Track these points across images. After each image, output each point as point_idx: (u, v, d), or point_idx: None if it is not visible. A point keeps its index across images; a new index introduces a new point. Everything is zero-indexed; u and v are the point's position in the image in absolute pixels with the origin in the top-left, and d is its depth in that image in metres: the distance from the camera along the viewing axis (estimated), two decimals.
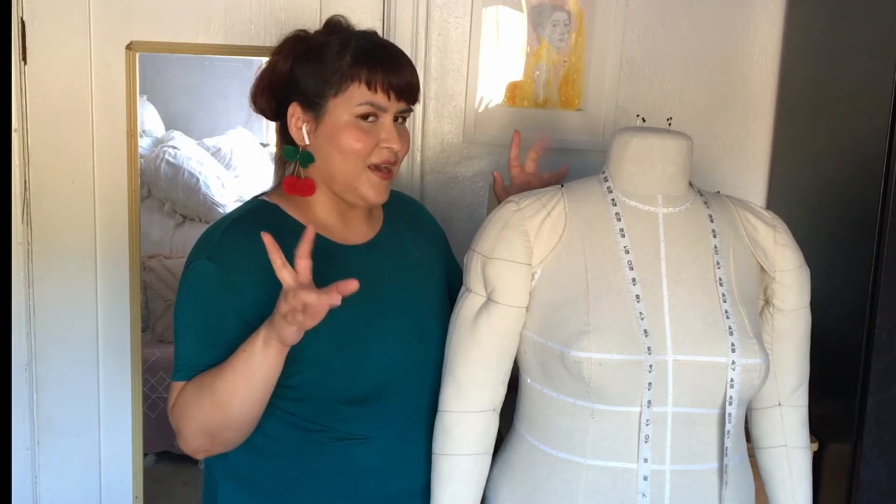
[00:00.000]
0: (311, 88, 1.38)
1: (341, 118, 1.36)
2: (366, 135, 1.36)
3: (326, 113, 1.37)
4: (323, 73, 1.37)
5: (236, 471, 1.42)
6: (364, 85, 1.35)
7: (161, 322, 3.78)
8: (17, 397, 2.21)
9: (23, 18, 2.11)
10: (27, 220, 2.18)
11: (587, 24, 2.25)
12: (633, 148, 1.40)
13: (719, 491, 1.34)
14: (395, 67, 1.38)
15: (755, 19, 2.31)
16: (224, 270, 1.31)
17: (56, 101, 2.15)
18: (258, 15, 2.19)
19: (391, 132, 1.38)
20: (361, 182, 1.38)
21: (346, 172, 1.38)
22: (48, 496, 2.30)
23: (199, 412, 1.28)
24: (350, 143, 1.36)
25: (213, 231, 1.38)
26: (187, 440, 1.31)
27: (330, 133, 1.37)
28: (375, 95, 1.36)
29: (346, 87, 1.35)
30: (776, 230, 1.45)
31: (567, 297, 1.34)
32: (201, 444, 1.31)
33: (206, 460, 1.48)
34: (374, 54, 1.37)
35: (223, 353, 1.29)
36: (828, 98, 2.07)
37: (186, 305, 1.34)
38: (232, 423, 1.28)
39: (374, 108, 1.36)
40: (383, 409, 1.42)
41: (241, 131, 4.86)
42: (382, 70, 1.36)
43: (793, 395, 1.49)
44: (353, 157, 1.37)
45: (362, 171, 1.38)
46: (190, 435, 1.30)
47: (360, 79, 1.35)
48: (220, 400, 1.26)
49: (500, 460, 1.46)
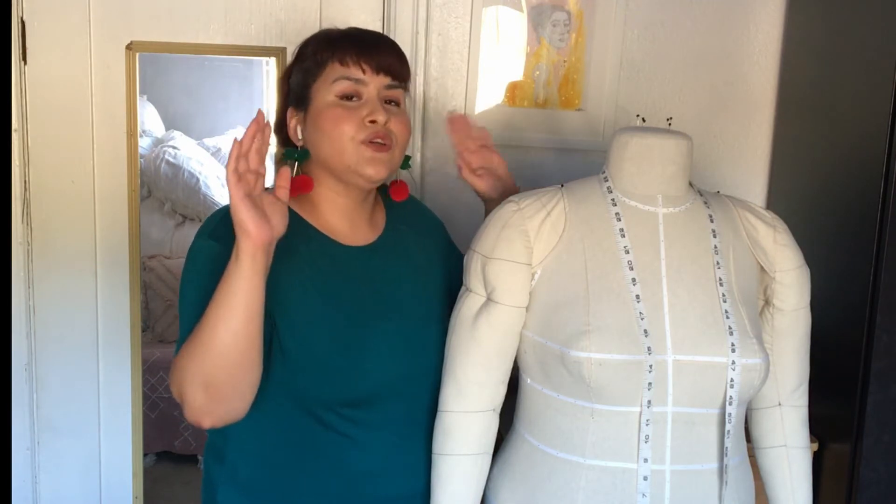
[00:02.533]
0: (297, 85, 1.42)
1: (323, 101, 1.38)
2: (348, 112, 1.37)
3: (311, 101, 1.39)
4: (304, 66, 1.41)
5: (235, 475, 1.42)
6: (337, 63, 1.38)
7: (161, 322, 3.78)
8: (17, 397, 2.21)
9: (23, 18, 2.11)
10: (27, 220, 2.18)
11: (587, 24, 2.26)
12: (633, 148, 1.40)
13: (719, 491, 1.34)
14: (369, 44, 1.40)
15: (755, 19, 2.31)
16: (226, 248, 1.28)
17: (56, 101, 2.15)
18: (258, 15, 2.19)
19: (375, 105, 1.38)
20: (357, 160, 1.37)
21: (338, 154, 1.37)
22: (48, 496, 2.30)
23: (191, 362, 1.24)
24: (333, 123, 1.36)
25: (215, 215, 1.39)
26: (188, 400, 1.25)
27: (315, 119, 1.39)
28: (349, 69, 1.37)
29: (322, 70, 1.38)
30: (776, 230, 1.45)
31: (567, 297, 1.34)
32: (203, 402, 1.24)
33: (205, 463, 1.48)
34: (347, 35, 1.41)
35: None
36: (828, 98, 2.07)
37: (189, 282, 1.34)
38: (222, 361, 1.23)
39: (351, 81, 1.37)
40: (382, 412, 1.41)
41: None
42: (356, 46, 1.38)
43: (793, 395, 1.49)
44: (339, 137, 1.36)
45: (354, 150, 1.36)
46: (188, 392, 1.24)
47: (333, 58, 1.38)
48: (206, 339, 1.22)
49: (500, 460, 1.46)
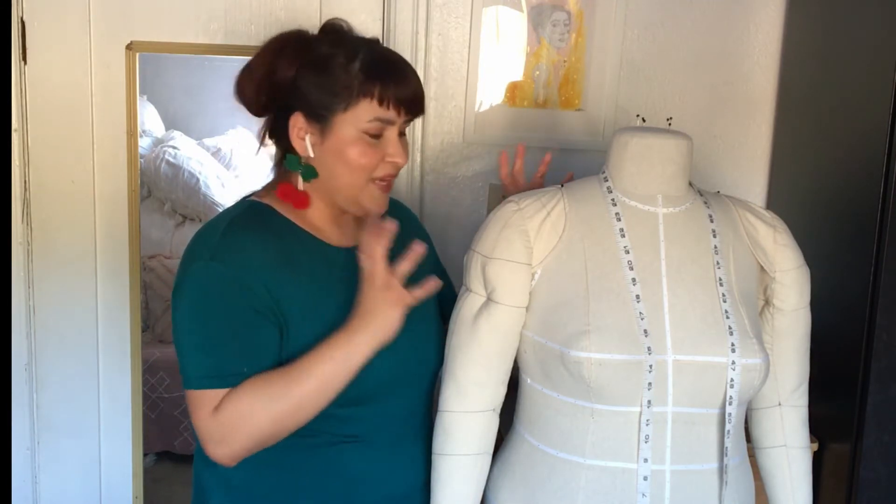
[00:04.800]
0: (317, 100, 1.34)
1: (348, 133, 1.34)
2: (372, 149, 1.35)
3: (333, 127, 1.34)
4: (332, 87, 1.33)
5: (228, 480, 1.40)
6: (375, 101, 1.33)
7: (161, 322, 3.78)
8: (17, 397, 2.21)
9: (23, 18, 2.11)
10: (27, 220, 2.18)
11: (587, 24, 2.26)
12: (633, 148, 1.40)
13: (719, 491, 1.34)
14: (403, 81, 1.36)
15: (755, 19, 2.31)
16: (233, 270, 1.29)
17: (56, 101, 2.16)
18: (258, 15, 2.19)
19: (397, 147, 1.37)
20: (364, 195, 1.38)
21: (351, 186, 1.37)
22: (48, 496, 2.30)
23: (266, 418, 1.27)
24: (357, 159, 1.34)
25: (208, 233, 1.35)
26: (234, 447, 1.28)
27: (337, 148, 1.35)
28: (387, 112, 1.34)
29: (356, 103, 1.33)
30: (776, 230, 1.45)
31: (567, 297, 1.34)
32: (249, 450, 1.29)
33: (196, 470, 1.46)
34: (383, 69, 1.35)
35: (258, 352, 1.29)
36: (828, 98, 2.07)
37: (196, 309, 1.30)
38: (295, 426, 1.30)
39: (383, 123, 1.35)
40: (379, 412, 1.41)
41: (241, 131, 4.85)
42: (394, 85, 1.34)
43: (793, 395, 1.49)
44: (359, 172, 1.36)
45: (366, 185, 1.37)
46: (241, 441, 1.27)
47: (371, 95, 1.33)
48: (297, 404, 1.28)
49: (500, 460, 1.46)
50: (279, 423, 1.28)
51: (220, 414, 1.27)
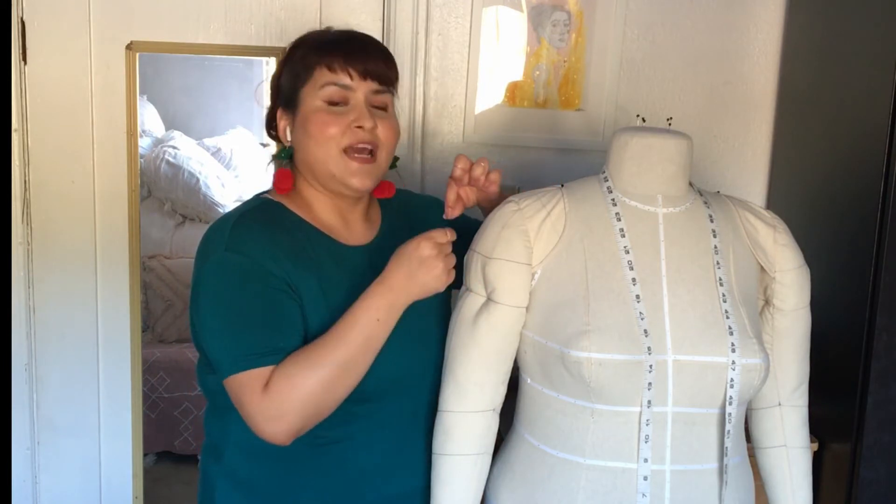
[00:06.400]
0: (288, 88, 1.42)
1: (311, 105, 1.39)
2: (335, 117, 1.38)
3: (300, 105, 1.40)
4: (294, 69, 1.42)
5: (234, 473, 1.41)
6: (325, 68, 1.38)
7: (161, 322, 3.78)
8: (17, 397, 2.21)
9: (23, 18, 2.11)
10: (27, 220, 2.18)
11: (587, 24, 2.26)
12: (633, 148, 1.40)
13: (719, 491, 1.34)
14: (357, 49, 1.41)
15: (755, 19, 2.31)
16: (249, 258, 1.31)
17: (56, 101, 2.16)
18: (258, 15, 2.19)
19: (361, 111, 1.39)
20: (341, 169, 1.38)
21: (323, 159, 1.38)
22: (48, 496, 2.30)
23: (317, 384, 1.27)
24: (319, 127, 1.37)
25: (220, 228, 1.37)
26: (291, 420, 1.27)
27: (302, 122, 1.40)
28: (336, 75, 1.38)
29: (311, 74, 1.39)
30: (776, 230, 1.45)
31: (567, 297, 1.34)
32: (304, 422, 1.29)
33: (203, 463, 1.47)
34: (337, 40, 1.42)
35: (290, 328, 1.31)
36: (828, 98, 2.07)
37: (219, 299, 1.31)
38: (345, 391, 1.31)
39: (339, 87, 1.38)
40: (382, 410, 1.41)
41: (241, 131, 4.86)
42: (343, 52, 1.39)
43: (793, 394, 1.49)
44: (325, 142, 1.37)
45: (339, 158, 1.38)
46: (297, 411, 1.27)
47: (321, 63, 1.39)
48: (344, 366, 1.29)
49: (500, 460, 1.46)
50: (330, 388, 1.28)
51: (271, 390, 1.26)
